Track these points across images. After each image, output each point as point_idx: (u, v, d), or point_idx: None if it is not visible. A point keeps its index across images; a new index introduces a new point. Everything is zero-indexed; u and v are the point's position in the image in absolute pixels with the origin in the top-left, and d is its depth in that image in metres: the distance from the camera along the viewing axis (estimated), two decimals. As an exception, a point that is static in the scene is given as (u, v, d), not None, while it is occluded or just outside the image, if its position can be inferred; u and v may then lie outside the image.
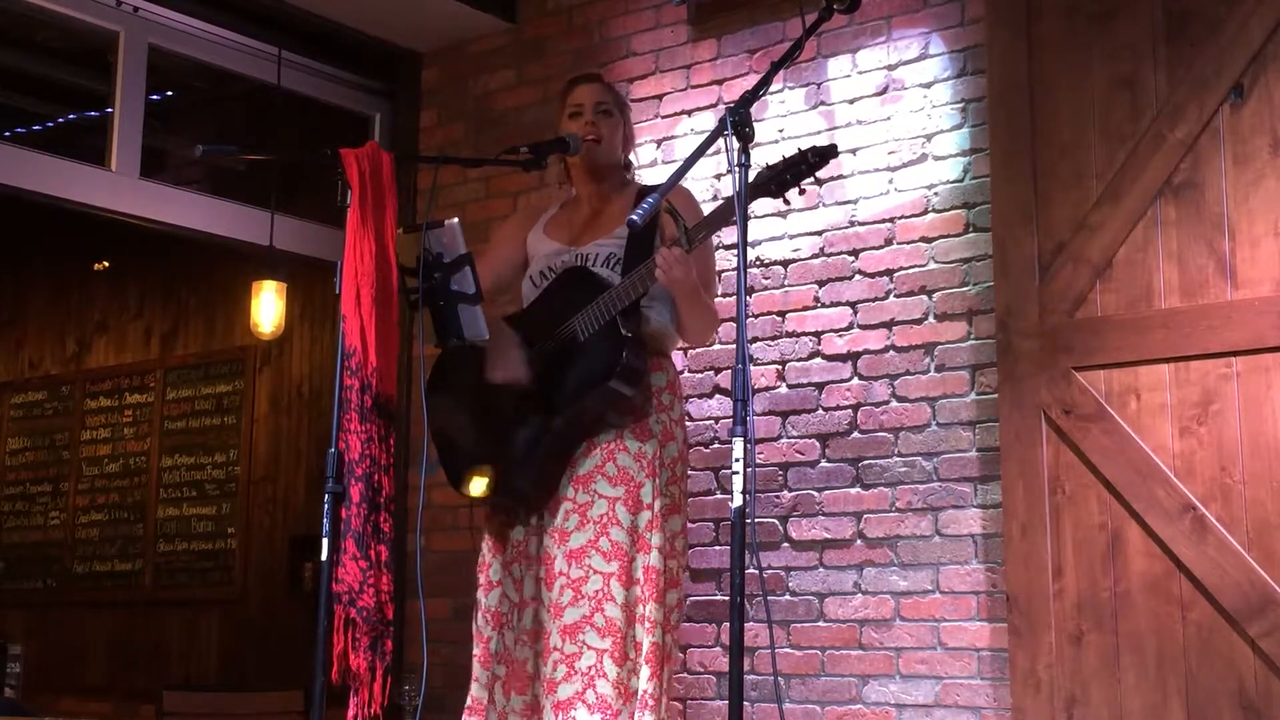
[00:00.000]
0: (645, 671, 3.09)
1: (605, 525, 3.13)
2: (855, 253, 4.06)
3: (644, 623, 3.12)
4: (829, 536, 3.98)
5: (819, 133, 4.16)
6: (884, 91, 4.08)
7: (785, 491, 4.08)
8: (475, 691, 3.31)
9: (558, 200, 3.63)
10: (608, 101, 3.50)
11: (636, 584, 3.12)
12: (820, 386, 4.07)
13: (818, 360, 4.09)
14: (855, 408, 3.99)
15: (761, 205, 4.15)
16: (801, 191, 2.96)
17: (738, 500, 2.46)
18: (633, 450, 3.20)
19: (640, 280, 3.14)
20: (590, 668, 3.05)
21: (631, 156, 3.62)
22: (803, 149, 2.94)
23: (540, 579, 3.25)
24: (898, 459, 3.90)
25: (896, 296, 3.97)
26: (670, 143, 4.49)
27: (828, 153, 2.93)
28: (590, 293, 3.21)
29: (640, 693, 3.08)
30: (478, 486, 3.32)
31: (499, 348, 3.30)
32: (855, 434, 3.98)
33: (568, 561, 3.14)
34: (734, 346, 2.95)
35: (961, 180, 3.90)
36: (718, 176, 4.33)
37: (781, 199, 2.98)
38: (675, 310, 3.26)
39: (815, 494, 4.03)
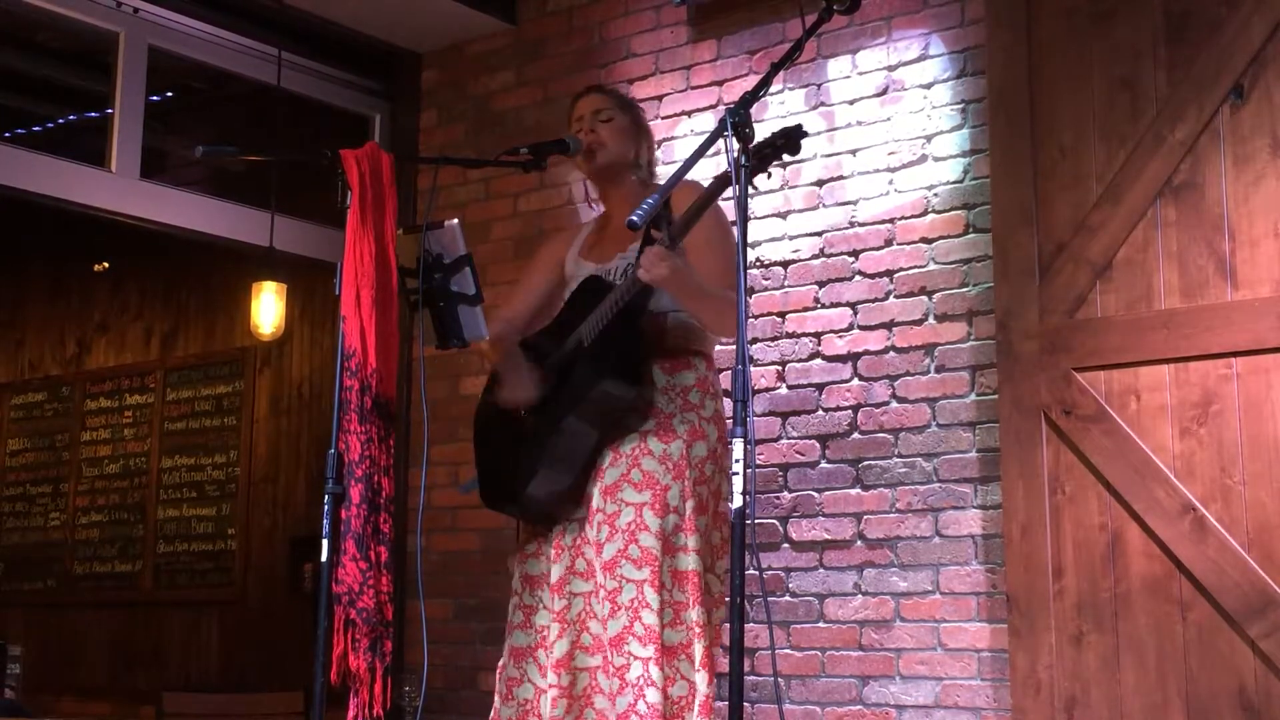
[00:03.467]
0: (703, 676, 3.06)
1: (634, 532, 3.09)
2: (855, 254, 4.06)
3: (694, 629, 3.08)
4: (829, 537, 3.98)
5: (819, 133, 4.16)
6: (884, 92, 4.08)
7: (785, 492, 4.08)
8: (499, 704, 3.30)
9: (593, 220, 3.60)
10: (607, 108, 3.45)
11: (664, 589, 3.08)
12: (820, 387, 4.07)
13: (818, 361, 4.09)
14: (855, 409, 3.99)
15: (762, 206, 4.16)
16: (769, 175, 2.90)
17: (738, 501, 2.46)
18: (657, 453, 3.14)
19: (632, 282, 3.11)
20: (639, 677, 3.02)
21: (647, 155, 3.55)
22: (773, 131, 2.87)
23: (577, 593, 3.23)
24: (898, 460, 3.90)
25: (896, 297, 3.97)
26: (670, 144, 4.49)
27: (794, 133, 2.80)
28: (598, 300, 3.20)
29: (705, 697, 3.04)
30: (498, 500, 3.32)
31: (506, 370, 3.29)
32: (855, 435, 3.98)
33: (604, 574, 3.12)
34: (734, 347, 2.94)
35: (961, 181, 3.90)
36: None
37: (750, 185, 2.80)
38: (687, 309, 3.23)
39: (815, 495, 4.03)
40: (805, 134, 2.87)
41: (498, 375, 3.37)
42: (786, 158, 2.88)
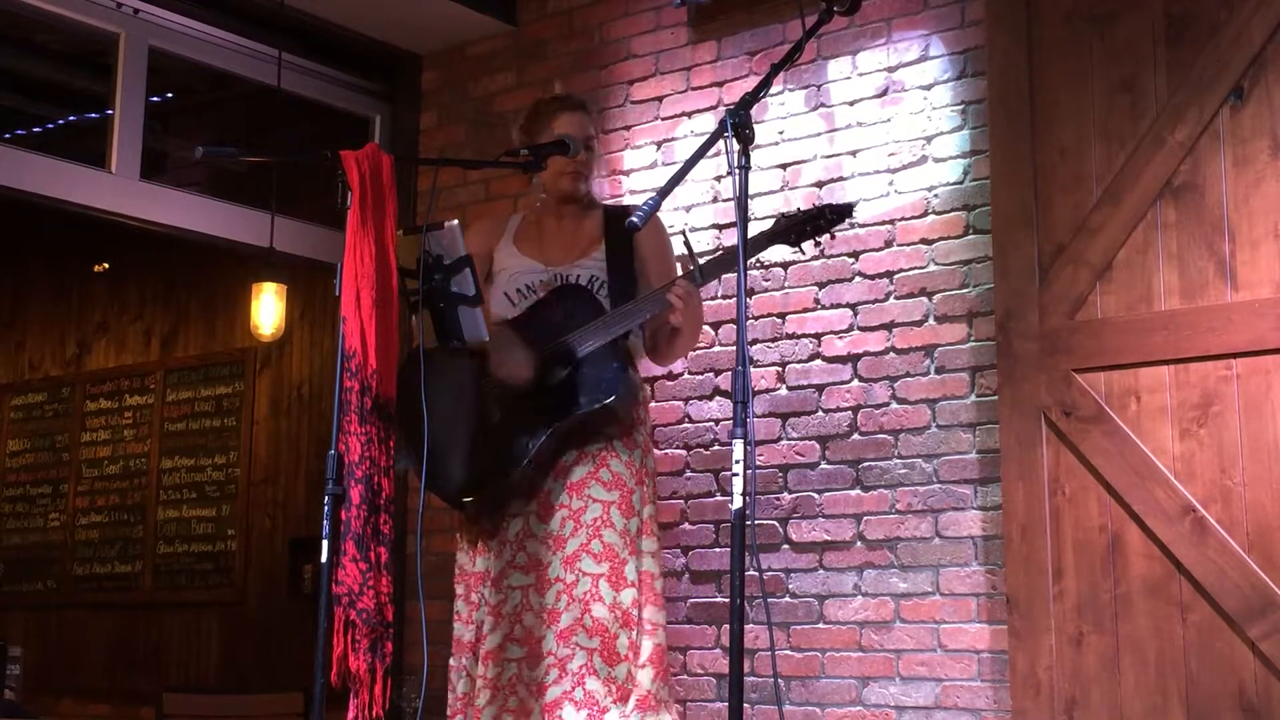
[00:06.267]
0: (649, 673, 3.12)
1: (598, 528, 3.16)
2: (855, 255, 4.06)
3: (645, 625, 3.15)
4: (829, 538, 3.98)
5: (819, 134, 4.16)
6: (884, 94, 4.08)
7: (785, 493, 4.08)
8: (451, 700, 3.33)
9: (519, 211, 3.65)
10: (593, 135, 3.54)
11: (630, 586, 3.14)
12: (820, 388, 4.07)
13: (818, 362, 4.09)
14: (855, 410, 3.99)
15: (763, 207, 4.16)
16: (817, 244, 3.06)
17: (738, 502, 2.46)
18: (624, 458, 3.27)
19: (650, 305, 3.18)
20: (581, 667, 3.07)
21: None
22: (820, 205, 3.05)
23: (514, 586, 3.25)
24: (898, 461, 3.89)
25: (896, 298, 3.97)
26: (670, 145, 4.49)
27: (845, 211, 3.08)
28: (590, 311, 3.24)
29: (645, 693, 3.11)
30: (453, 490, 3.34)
31: (502, 346, 3.31)
32: (855, 436, 3.98)
33: (563, 567, 3.16)
34: (734, 348, 2.96)
35: (961, 182, 3.90)
36: (718, 178, 4.33)
37: (798, 249, 3.14)
38: (670, 337, 3.34)
39: (815, 496, 4.03)
40: (853, 213, 3.10)
41: (435, 355, 3.36)
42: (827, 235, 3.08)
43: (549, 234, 3.50)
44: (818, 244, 3.09)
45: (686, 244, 3.24)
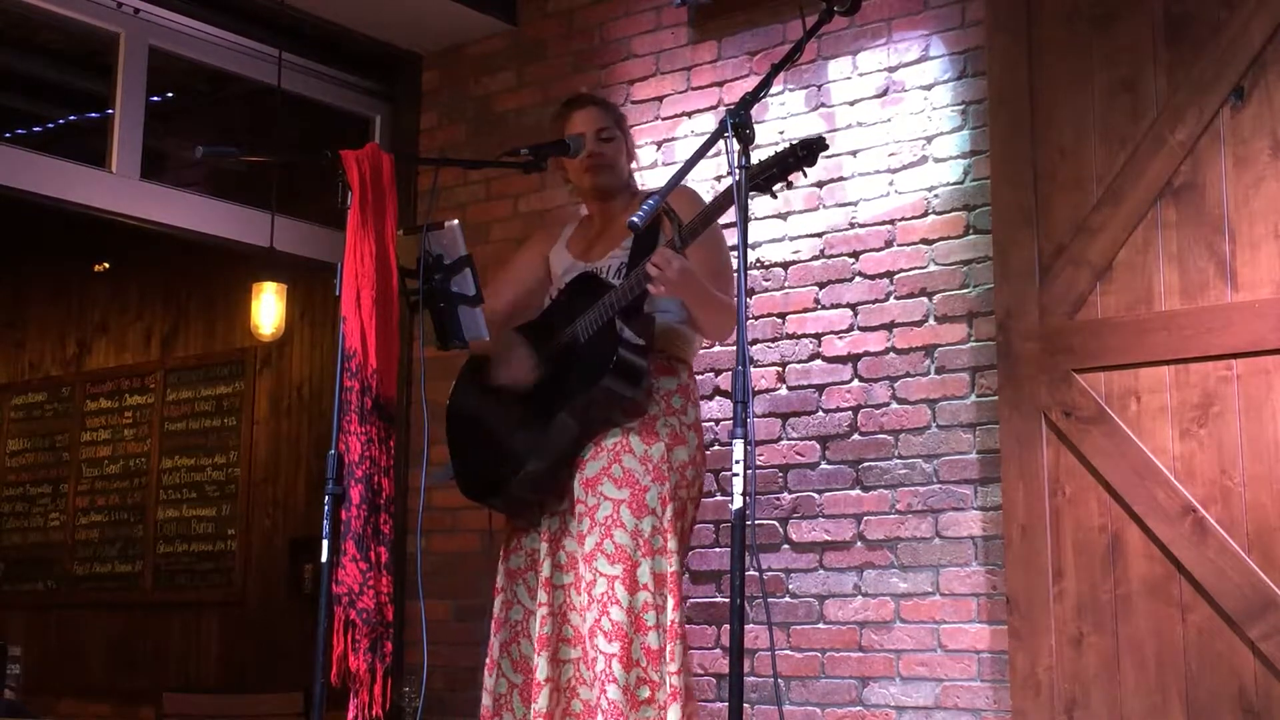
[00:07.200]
0: (681, 679, 3.11)
1: (609, 528, 3.13)
2: (856, 255, 4.06)
3: (665, 629, 3.12)
4: (829, 538, 3.98)
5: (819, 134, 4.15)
6: (884, 94, 4.08)
7: (785, 493, 4.08)
8: (486, 701, 3.32)
9: (575, 218, 3.64)
10: (608, 125, 3.47)
11: (644, 589, 3.10)
12: (820, 388, 4.07)
13: (818, 362, 4.09)
14: (855, 410, 3.99)
15: (762, 207, 4.16)
16: (789, 185, 2.87)
17: (738, 502, 2.46)
18: (639, 453, 3.19)
19: (637, 281, 3.14)
20: (603, 672, 3.05)
21: (633, 165, 3.62)
22: (792, 143, 2.85)
23: (559, 585, 3.25)
24: (898, 461, 3.89)
25: (897, 299, 3.97)
26: (670, 145, 4.49)
27: (815, 146, 2.79)
28: (594, 297, 3.23)
29: (671, 689, 3.09)
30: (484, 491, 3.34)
31: (503, 350, 3.31)
32: (855, 436, 3.98)
33: (584, 565, 3.15)
34: (734, 348, 2.95)
35: (962, 182, 3.90)
36: (718, 178, 4.33)
37: (769, 194, 2.85)
38: (687, 312, 3.26)
39: (815, 496, 4.03)
40: (825, 146, 2.83)
41: (478, 362, 3.39)
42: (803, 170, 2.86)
43: (595, 231, 3.50)
44: (790, 185, 2.87)
45: (668, 212, 3.14)
